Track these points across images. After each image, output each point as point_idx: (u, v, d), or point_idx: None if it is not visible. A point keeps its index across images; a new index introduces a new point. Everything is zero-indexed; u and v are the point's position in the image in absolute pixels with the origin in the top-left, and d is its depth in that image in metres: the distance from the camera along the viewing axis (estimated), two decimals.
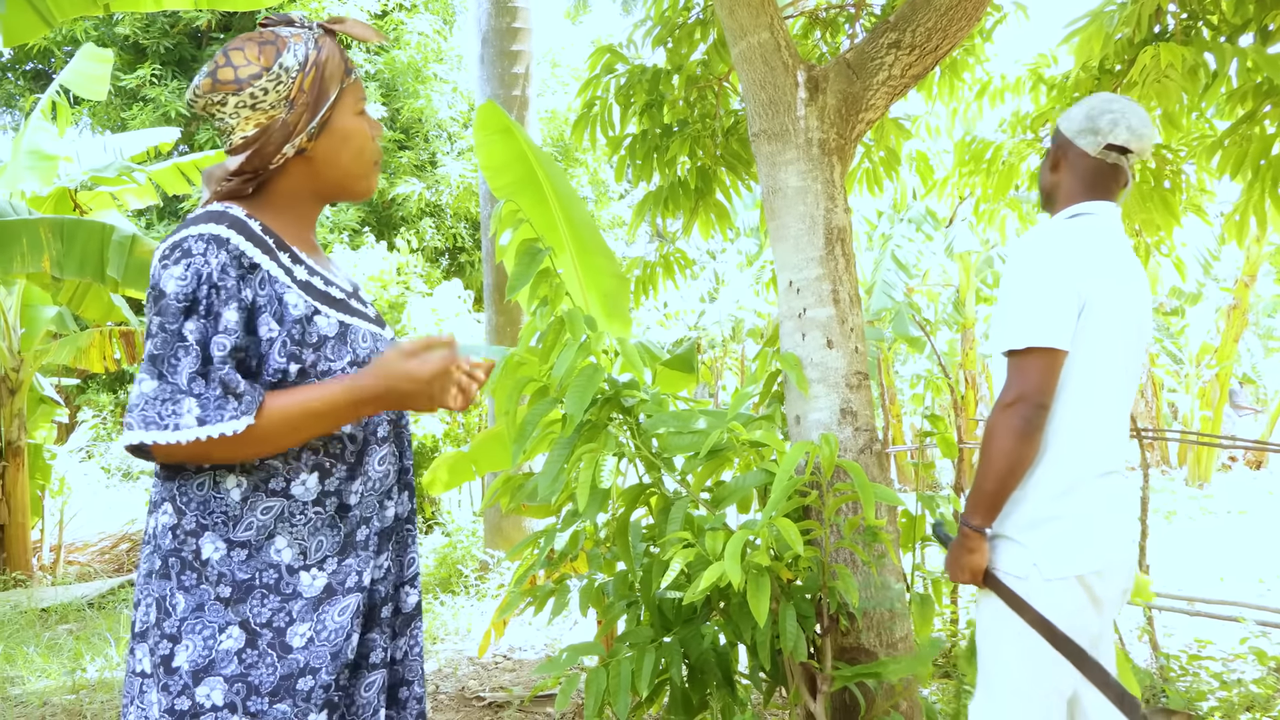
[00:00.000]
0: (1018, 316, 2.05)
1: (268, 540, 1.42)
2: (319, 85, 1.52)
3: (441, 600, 6.43)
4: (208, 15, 13.48)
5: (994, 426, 2.03)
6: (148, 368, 1.37)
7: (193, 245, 1.40)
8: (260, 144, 1.50)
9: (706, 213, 4.38)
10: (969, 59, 4.56)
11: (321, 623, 1.43)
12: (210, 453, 1.37)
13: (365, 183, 1.61)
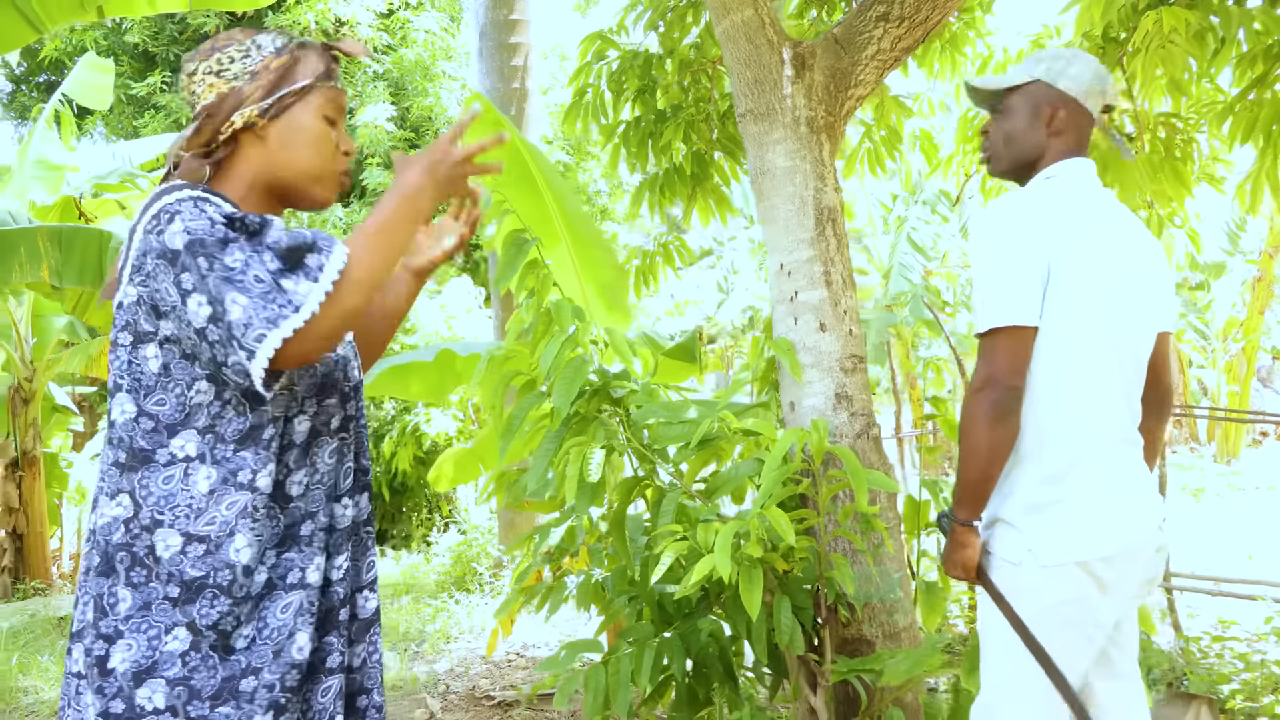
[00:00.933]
0: (982, 298, 1.95)
1: (228, 538, 1.36)
2: (288, 69, 1.50)
3: (456, 599, 6.40)
4: (215, 21, 13.50)
5: (966, 413, 1.94)
6: (225, 290, 1.27)
7: (180, 205, 1.35)
8: (214, 109, 1.47)
9: (705, 199, 4.30)
10: (969, 32, 4.46)
11: (263, 620, 1.37)
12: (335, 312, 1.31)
13: (320, 187, 1.55)
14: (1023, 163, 2.10)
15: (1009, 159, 2.11)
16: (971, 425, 1.92)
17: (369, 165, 12.74)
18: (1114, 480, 1.98)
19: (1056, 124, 2.05)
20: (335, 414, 1.49)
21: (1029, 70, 2.08)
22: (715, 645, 2.84)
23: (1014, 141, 2.09)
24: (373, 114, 12.55)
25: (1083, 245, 1.94)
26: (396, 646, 5.36)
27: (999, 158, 2.13)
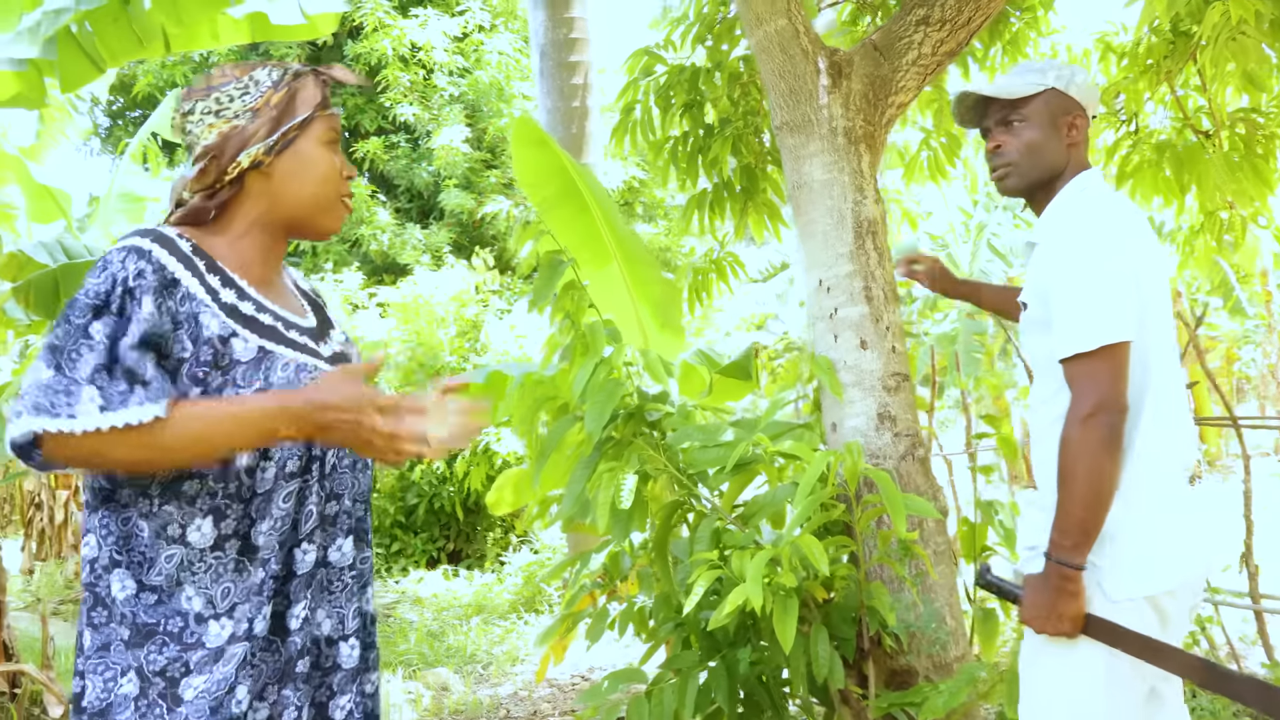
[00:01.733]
0: (1080, 314, 1.77)
1: (177, 588, 1.35)
2: (287, 103, 1.48)
3: (526, 620, 6.38)
4: (297, 50, 13.86)
5: (1076, 444, 1.73)
6: (45, 356, 1.29)
7: (113, 256, 1.35)
8: (218, 151, 1.46)
9: (758, 213, 4.21)
10: (1030, 32, 4.29)
11: (210, 673, 1.34)
12: (109, 449, 1.28)
13: (328, 217, 1.54)
14: (1047, 176, 1.95)
15: (1034, 172, 1.94)
16: (1086, 456, 1.71)
17: (446, 186, 12.90)
18: (1182, 506, 1.83)
19: (1074, 134, 1.94)
20: (293, 457, 1.45)
21: (1037, 79, 1.94)
22: (761, 675, 2.75)
23: (1038, 153, 1.93)
24: (449, 136, 12.71)
25: (1151, 256, 1.83)
26: (462, 669, 5.36)
27: (1020, 172, 1.95)
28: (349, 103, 13.91)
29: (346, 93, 13.96)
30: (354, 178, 1.58)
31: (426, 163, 13.33)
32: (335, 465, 1.51)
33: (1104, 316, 1.74)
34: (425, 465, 8.10)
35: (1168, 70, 4.16)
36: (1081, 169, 1.95)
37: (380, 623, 6.55)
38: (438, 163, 12.90)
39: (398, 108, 13.19)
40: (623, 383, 2.64)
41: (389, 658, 5.51)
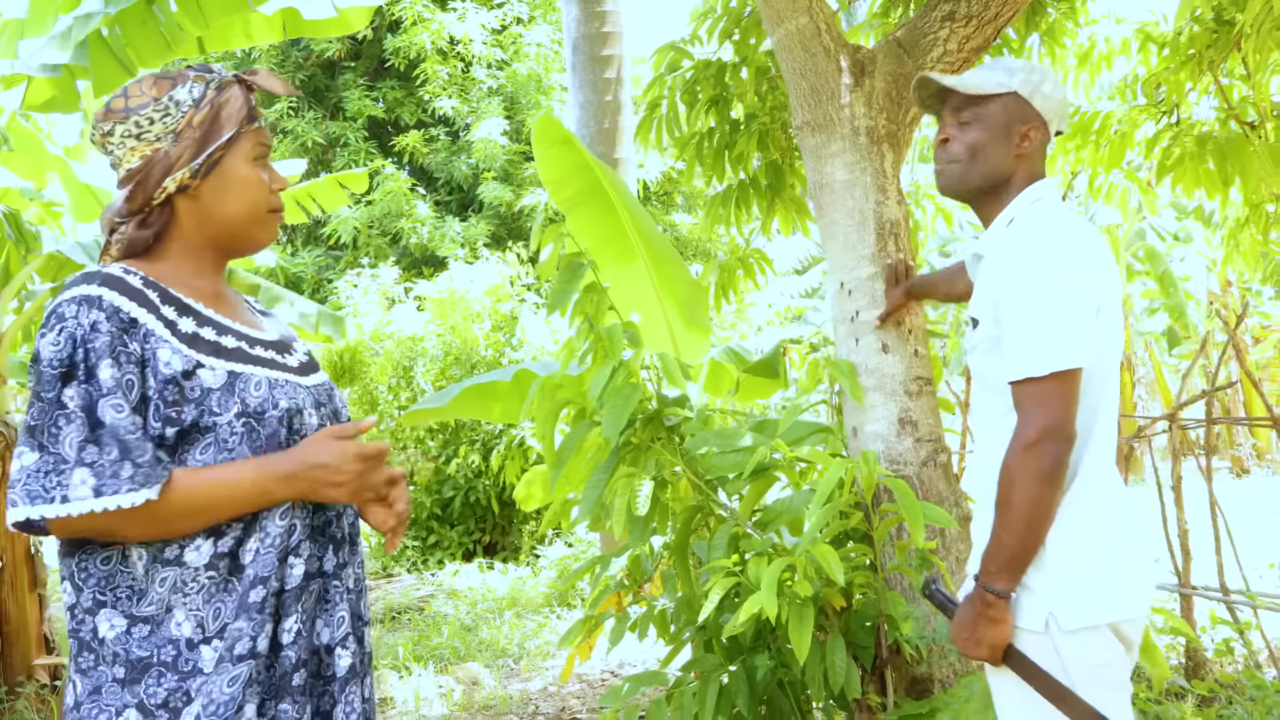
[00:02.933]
0: (1033, 337, 1.67)
1: (167, 614, 1.34)
2: (210, 123, 1.45)
3: (559, 614, 6.40)
4: (338, 46, 13.95)
5: (1016, 471, 1.65)
6: (25, 439, 1.30)
7: (65, 309, 1.34)
8: (143, 176, 1.44)
9: (785, 209, 4.17)
10: (1067, 23, 4.19)
11: (209, 695, 1.33)
12: (119, 529, 1.32)
13: (258, 233, 1.53)
14: (989, 184, 1.84)
15: (976, 177, 1.83)
16: (1024, 484, 1.64)
17: (484, 179, 12.94)
18: (1134, 531, 1.76)
19: (1025, 145, 1.83)
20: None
21: (1002, 79, 1.82)
22: (782, 680, 2.73)
23: (981, 157, 1.82)
24: (487, 129, 12.75)
25: (1110, 279, 1.74)
26: (493, 664, 5.38)
27: (958, 173, 1.84)
28: (388, 96, 13.99)
29: (387, 85, 14.03)
30: (284, 187, 1.55)
31: (465, 155, 13.38)
32: None
33: (1058, 341, 1.66)
34: (461, 458, 8.14)
35: (1210, 60, 4.06)
36: (1033, 179, 1.85)
37: (415, 616, 6.60)
38: (476, 155, 12.94)
39: (436, 101, 13.24)
40: (640, 387, 2.62)
41: (422, 651, 5.55)
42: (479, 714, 4.54)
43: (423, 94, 13.47)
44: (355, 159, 13.39)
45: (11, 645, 4.61)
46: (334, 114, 14.32)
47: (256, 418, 1.41)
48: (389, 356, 8.49)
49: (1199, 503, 4.05)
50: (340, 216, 12.65)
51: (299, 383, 1.50)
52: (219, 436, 1.38)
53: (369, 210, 12.81)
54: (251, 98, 1.50)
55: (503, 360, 8.26)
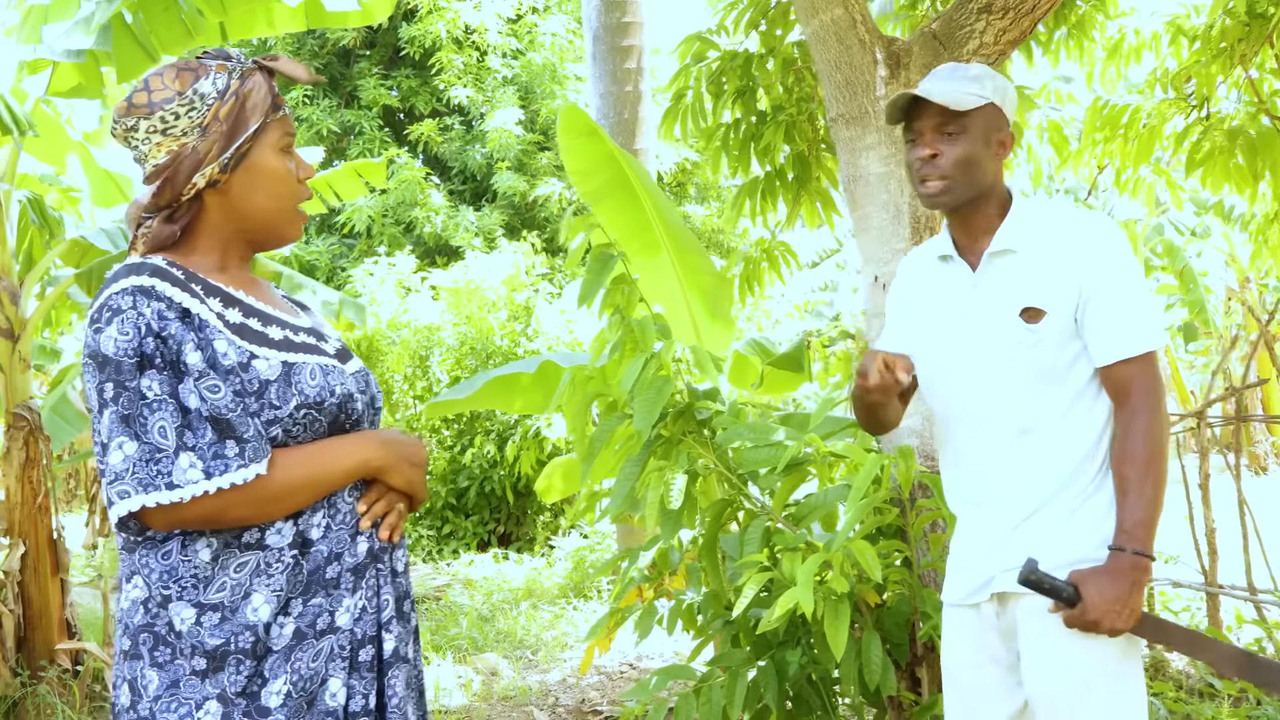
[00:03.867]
0: (1141, 312, 1.79)
1: (244, 599, 1.34)
2: (237, 115, 1.42)
3: (575, 605, 6.40)
4: (353, 34, 13.94)
5: (1158, 435, 1.76)
6: (120, 430, 1.28)
7: (119, 301, 1.32)
8: (171, 172, 1.41)
9: (810, 201, 4.15)
10: (1097, 16, 4.16)
11: (296, 672, 1.34)
12: (227, 513, 1.31)
13: (286, 228, 1.51)
14: (978, 193, 1.87)
15: (969, 189, 1.85)
16: (1165, 449, 1.77)
17: (499, 169, 12.92)
18: None
19: (1002, 152, 1.88)
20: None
21: (977, 90, 1.84)
22: (811, 675, 2.72)
23: (974, 169, 1.84)
24: (502, 118, 12.72)
25: None
26: (511, 655, 5.39)
27: (956, 187, 1.85)
28: (403, 85, 13.98)
29: (401, 74, 14.02)
30: (310, 176, 1.53)
31: (480, 145, 13.35)
32: None
33: (1155, 317, 1.81)
34: (476, 448, 8.14)
35: (1242, 54, 4.02)
36: (1002, 181, 1.91)
37: (431, 606, 6.61)
38: (491, 145, 12.91)
39: (451, 90, 13.21)
40: (672, 380, 2.61)
41: (440, 641, 5.56)
42: (498, 704, 4.55)
43: (437, 83, 13.44)
44: (370, 148, 13.37)
45: (34, 630, 4.62)
46: (349, 102, 14.31)
47: (316, 407, 1.40)
48: (405, 346, 8.50)
49: (1223, 501, 4.02)
50: (354, 205, 12.64)
51: (343, 369, 1.50)
52: (283, 429, 1.38)
53: (383, 199, 12.80)
54: (274, 85, 1.48)
55: (518, 350, 8.26)
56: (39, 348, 6.48)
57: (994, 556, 1.85)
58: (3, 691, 4.46)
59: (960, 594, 1.92)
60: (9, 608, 4.53)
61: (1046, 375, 1.81)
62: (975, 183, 1.85)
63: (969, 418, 1.89)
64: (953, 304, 1.90)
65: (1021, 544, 1.81)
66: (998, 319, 1.84)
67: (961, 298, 1.89)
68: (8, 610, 4.51)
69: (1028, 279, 1.82)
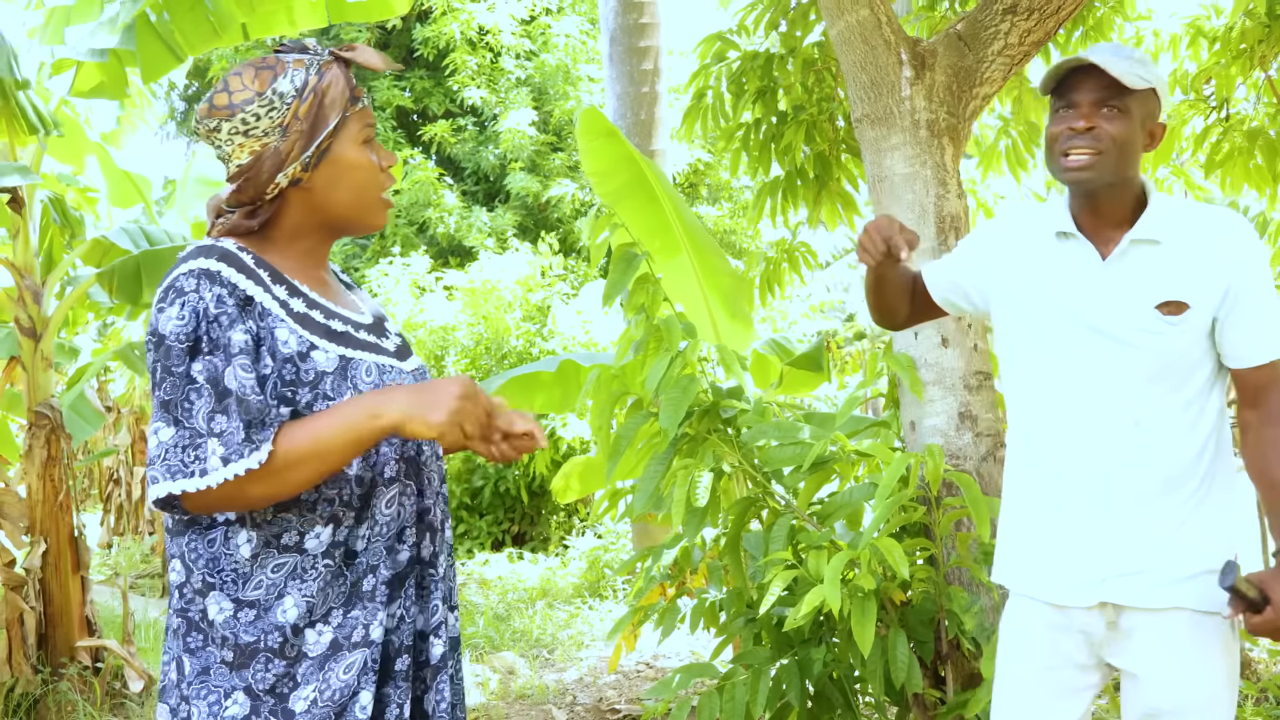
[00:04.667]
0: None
1: (277, 600, 1.35)
2: (316, 112, 1.43)
3: (590, 605, 6.41)
4: (367, 35, 13.98)
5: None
6: (161, 415, 1.31)
7: (184, 283, 1.34)
8: (253, 173, 1.42)
9: (831, 202, 4.16)
10: (1115, 18, 4.16)
11: (326, 682, 1.34)
12: (245, 492, 1.31)
13: (371, 217, 1.52)
14: (1122, 177, 1.79)
15: (1119, 170, 1.77)
16: None
17: (512, 169, 12.95)
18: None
19: (1151, 143, 1.82)
20: (389, 460, 1.45)
21: (1145, 73, 1.76)
22: (834, 673, 2.73)
23: (1127, 151, 1.77)
24: (515, 119, 12.74)
25: None
26: (527, 654, 5.41)
27: (1107, 165, 1.76)
28: (417, 86, 14.02)
29: (415, 75, 14.06)
30: (393, 164, 1.54)
31: (493, 145, 13.38)
32: (420, 462, 1.51)
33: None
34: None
35: (1262, 55, 4.02)
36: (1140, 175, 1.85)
37: None
38: (504, 145, 12.94)
39: (465, 91, 13.24)
40: (697, 378, 2.62)
41: None
42: (516, 703, 4.56)
43: (451, 84, 13.47)
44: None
45: (55, 627, 4.65)
46: None
47: None
48: (421, 346, 8.52)
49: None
50: None
51: (400, 367, 1.51)
52: None
53: (396, 199, 12.84)
54: (351, 76, 1.48)
55: (533, 351, 8.28)
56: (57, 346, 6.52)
57: (1103, 560, 1.80)
58: (24, 688, 4.49)
59: (1045, 591, 1.85)
60: (30, 605, 4.56)
61: (1171, 370, 1.77)
62: (1122, 166, 1.77)
63: (1078, 405, 1.82)
64: (1076, 286, 1.82)
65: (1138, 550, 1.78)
66: (1132, 308, 1.78)
67: (1088, 282, 1.81)
68: (29, 607, 4.54)
69: (1170, 271, 1.77)
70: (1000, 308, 1.95)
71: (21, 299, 4.66)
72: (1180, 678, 1.77)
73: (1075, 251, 1.84)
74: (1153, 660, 1.78)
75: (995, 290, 1.96)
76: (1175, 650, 1.76)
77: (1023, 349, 1.90)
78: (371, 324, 1.55)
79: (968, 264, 2.02)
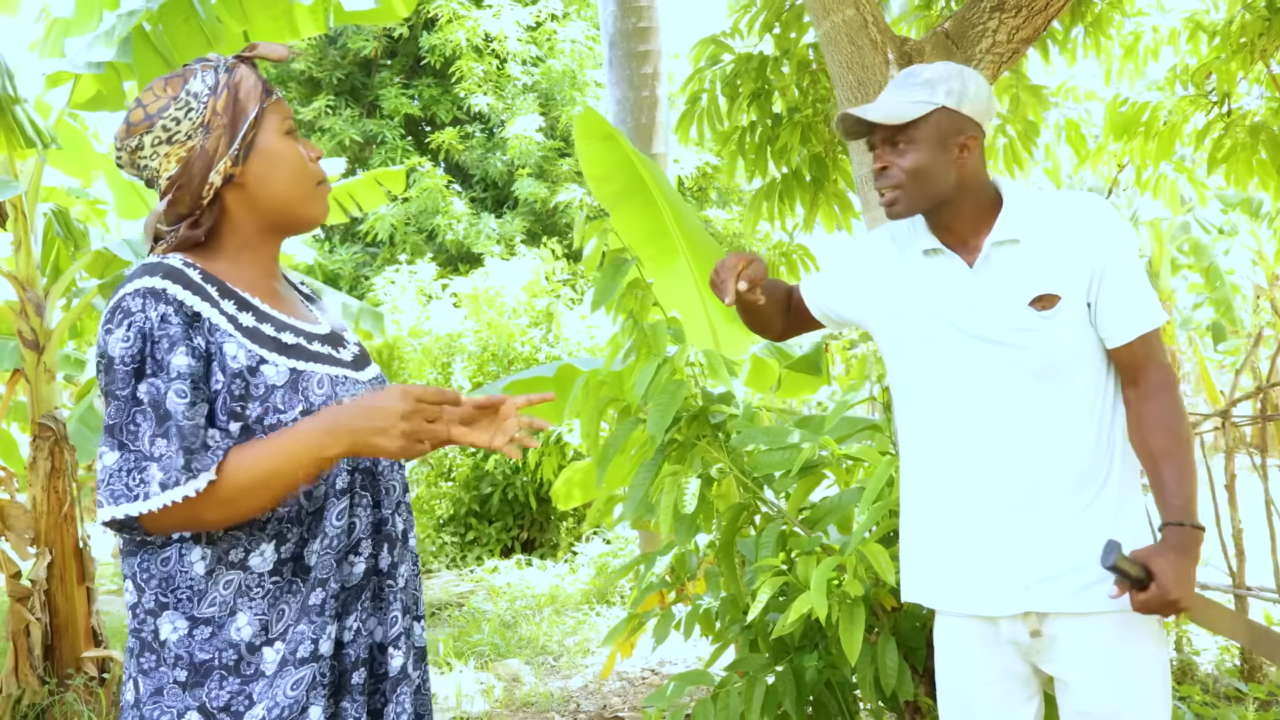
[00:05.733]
0: (1147, 291, 1.81)
1: (229, 617, 1.34)
2: (234, 106, 1.43)
3: (598, 611, 6.40)
4: (374, 44, 14.03)
5: (1181, 408, 1.79)
6: (106, 439, 1.30)
7: (130, 303, 1.33)
8: (185, 178, 1.41)
9: (828, 204, 4.14)
10: (1114, 14, 4.13)
11: (274, 699, 1.33)
12: (200, 517, 1.30)
13: (310, 207, 1.50)
14: (937, 200, 1.82)
15: (922, 198, 1.81)
16: (1186, 418, 1.79)
17: (519, 175, 12.97)
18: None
19: (965, 155, 1.80)
20: (341, 473, 1.43)
21: (925, 97, 1.78)
22: (830, 680, 2.70)
23: (926, 178, 1.79)
24: (522, 125, 12.77)
25: None
26: (533, 660, 5.39)
27: (908, 198, 1.81)
28: (424, 94, 14.06)
29: (422, 83, 14.09)
30: (319, 156, 1.53)
31: (500, 152, 13.41)
32: (377, 473, 1.50)
33: (1155, 295, 1.82)
34: (499, 455, 8.16)
35: (1263, 49, 3.98)
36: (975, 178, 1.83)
37: (454, 612, 6.63)
38: (511, 152, 12.97)
39: (472, 98, 13.28)
40: (686, 384, 2.60)
41: (462, 648, 5.57)
42: (520, 711, 4.55)
43: (458, 91, 13.51)
44: (392, 156, 13.45)
45: (61, 638, 4.67)
46: (371, 112, 14.40)
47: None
48: (427, 352, 8.53)
49: (1250, 501, 3.97)
50: (377, 214, 12.72)
51: (356, 378, 1.49)
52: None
53: (405, 207, 12.88)
54: (259, 73, 1.48)
55: (539, 356, 8.27)
56: (64, 358, 6.54)
57: (1022, 566, 1.77)
58: (31, 699, 4.51)
59: (970, 604, 1.84)
60: (36, 616, 4.58)
61: (1057, 366, 1.77)
62: (928, 191, 1.80)
63: (969, 413, 1.82)
64: (949, 297, 1.84)
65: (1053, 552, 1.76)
66: (1005, 309, 1.78)
67: (959, 291, 1.83)
68: (35, 619, 4.57)
69: (1036, 267, 1.78)
70: (879, 325, 1.98)
71: (24, 311, 4.68)
72: (1110, 680, 1.75)
73: (944, 265, 1.86)
74: (1080, 665, 1.76)
75: (871, 307, 1.98)
76: (1102, 653, 1.75)
77: (907, 364, 1.92)
78: (326, 334, 1.53)
79: (841, 280, 2.05)
